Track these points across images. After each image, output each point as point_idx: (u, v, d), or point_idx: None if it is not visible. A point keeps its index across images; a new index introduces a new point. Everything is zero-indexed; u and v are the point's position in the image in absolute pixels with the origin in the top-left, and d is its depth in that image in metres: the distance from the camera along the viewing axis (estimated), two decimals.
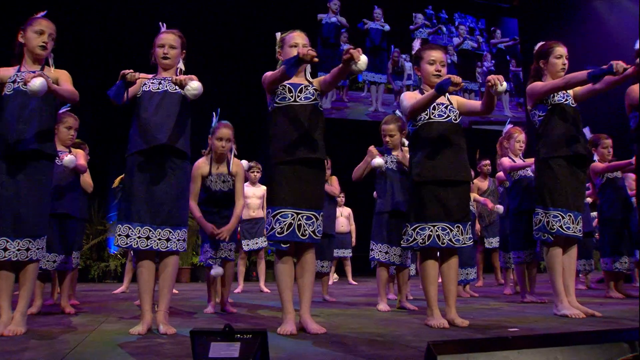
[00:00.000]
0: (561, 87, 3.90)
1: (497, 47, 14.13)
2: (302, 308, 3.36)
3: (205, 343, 1.67)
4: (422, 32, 13.60)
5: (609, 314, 3.97)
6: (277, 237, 3.26)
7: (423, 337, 3.04)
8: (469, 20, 14.14)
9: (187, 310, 4.79)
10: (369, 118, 12.77)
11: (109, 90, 3.20)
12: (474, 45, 13.93)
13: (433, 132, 3.54)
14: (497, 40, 14.16)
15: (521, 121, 11.85)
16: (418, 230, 3.51)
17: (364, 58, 2.97)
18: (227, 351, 1.62)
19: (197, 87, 3.20)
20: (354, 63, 2.97)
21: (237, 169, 4.57)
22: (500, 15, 14.34)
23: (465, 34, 13.97)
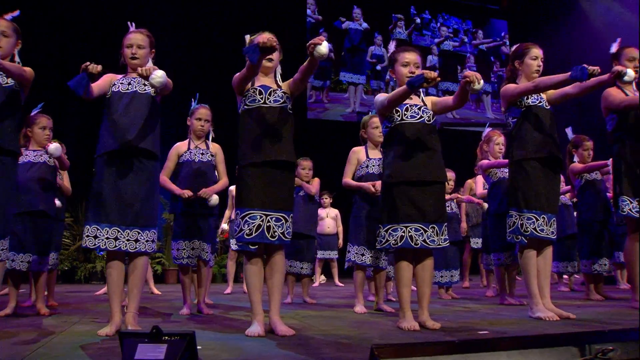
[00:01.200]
0: (531, 90, 3.89)
1: (478, 49, 14.07)
2: (271, 310, 3.35)
3: (133, 344, 1.65)
4: (400, 32, 13.52)
5: (584, 317, 3.95)
6: (246, 239, 3.25)
7: (390, 340, 3.02)
8: (453, 21, 14.06)
9: (165, 311, 4.77)
10: (342, 119, 12.69)
11: (69, 82, 3.17)
12: (455, 45, 13.85)
13: (405, 133, 3.53)
14: (478, 41, 14.10)
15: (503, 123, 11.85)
16: (390, 231, 3.49)
17: (324, 43, 3.04)
18: (153, 353, 1.60)
19: (161, 75, 3.18)
20: (315, 50, 3.03)
21: (217, 151, 4.67)
22: (487, 16, 14.27)
23: (446, 34, 13.87)
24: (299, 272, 5.63)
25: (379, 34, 13.18)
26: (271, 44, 3.02)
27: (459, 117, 13.36)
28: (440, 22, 13.96)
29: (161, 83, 3.19)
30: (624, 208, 4.27)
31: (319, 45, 3.04)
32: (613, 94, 4.40)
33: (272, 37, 3.06)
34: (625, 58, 4.42)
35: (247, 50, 3.07)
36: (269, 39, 3.03)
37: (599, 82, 3.78)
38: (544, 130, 3.93)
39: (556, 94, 4.03)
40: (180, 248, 4.54)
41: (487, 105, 13.57)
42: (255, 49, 3.04)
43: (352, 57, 13.18)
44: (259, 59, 3.12)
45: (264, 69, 3.45)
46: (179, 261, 4.56)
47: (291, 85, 3.45)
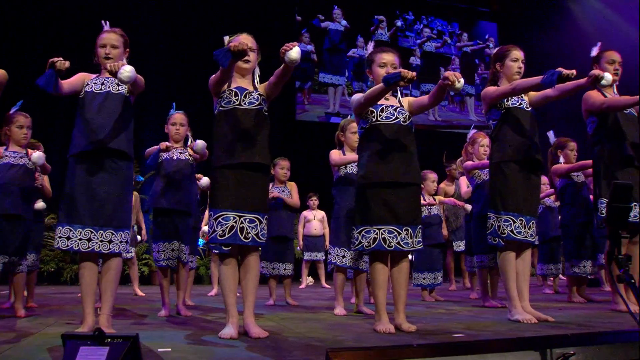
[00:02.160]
0: (509, 92, 3.88)
1: (462, 51, 14.01)
2: (245, 312, 3.32)
3: (75, 347, 1.62)
4: (382, 34, 13.47)
5: (563, 319, 3.94)
6: (219, 240, 3.23)
7: (363, 343, 3.00)
8: (438, 23, 14.01)
9: (144, 313, 4.74)
10: (318, 120, 12.66)
11: (38, 79, 3.14)
12: (437, 46, 13.80)
13: (380, 134, 3.50)
14: (462, 43, 14.05)
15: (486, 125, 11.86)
16: (364, 233, 3.46)
17: (295, 49, 3.05)
18: (94, 355, 1.58)
19: (130, 70, 3.15)
20: (286, 55, 3.04)
21: (195, 156, 4.69)
22: (474, 19, 14.23)
23: (427, 35, 13.80)
24: (282, 274, 5.62)
25: (361, 36, 13.12)
26: (242, 48, 3.00)
27: (440, 120, 13.32)
28: (424, 24, 13.89)
29: (130, 78, 3.16)
30: (602, 210, 4.27)
31: (289, 51, 3.04)
32: (593, 97, 4.39)
33: (244, 42, 3.04)
34: (605, 61, 4.42)
35: (217, 54, 3.05)
36: (240, 43, 3.01)
37: (577, 86, 3.76)
38: (523, 133, 3.91)
39: (537, 97, 4.01)
40: (160, 250, 4.52)
41: (471, 107, 13.55)
42: (226, 53, 3.02)
43: (331, 57, 13.08)
44: (230, 63, 3.10)
45: (241, 71, 3.43)
46: (159, 263, 4.55)
47: (267, 88, 3.44)
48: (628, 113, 4.39)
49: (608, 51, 4.47)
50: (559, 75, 3.46)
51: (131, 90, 3.50)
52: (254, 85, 3.47)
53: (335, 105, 12.83)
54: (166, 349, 2.80)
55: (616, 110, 4.31)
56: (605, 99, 4.32)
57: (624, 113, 4.37)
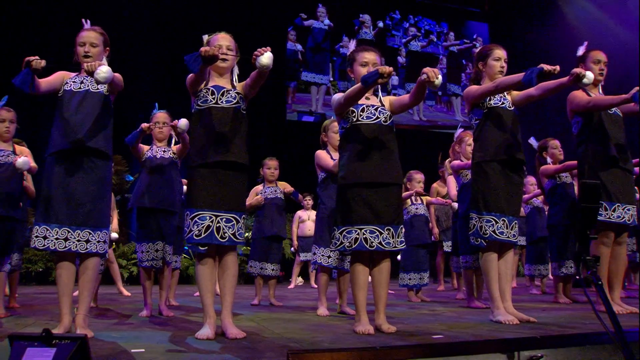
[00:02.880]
0: (492, 90, 3.85)
1: (449, 50, 13.94)
2: (222, 312, 3.29)
3: (22, 348, 1.59)
4: (367, 33, 13.40)
5: (546, 320, 3.90)
6: (195, 240, 3.20)
7: (340, 344, 2.96)
8: (426, 22, 13.93)
9: (127, 313, 4.71)
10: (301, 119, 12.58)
11: (14, 79, 3.11)
12: (423, 45, 13.72)
13: (361, 134, 3.46)
14: (448, 42, 13.97)
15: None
16: (345, 233, 3.43)
17: (267, 54, 3.03)
18: (41, 357, 1.55)
19: (106, 71, 3.12)
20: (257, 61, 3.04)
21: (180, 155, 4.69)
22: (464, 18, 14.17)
23: (412, 33, 13.71)
24: (268, 274, 5.61)
25: (346, 35, 13.06)
26: (213, 54, 2.99)
27: (425, 120, 13.27)
28: (411, 23, 13.80)
29: (106, 79, 3.13)
30: None
31: (260, 57, 3.03)
32: (579, 96, 4.38)
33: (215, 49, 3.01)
34: (591, 61, 4.42)
35: (188, 59, 3.02)
36: (211, 48, 3.00)
37: (559, 85, 3.73)
38: (505, 132, 3.88)
39: (520, 96, 3.99)
40: (144, 251, 4.49)
41: (457, 107, 13.50)
42: (197, 58, 3.00)
43: (314, 56, 12.97)
44: (200, 68, 3.08)
45: (219, 70, 3.40)
46: (143, 264, 4.52)
47: (244, 88, 3.41)
48: (613, 113, 4.38)
49: (594, 51, 4.45)
50: (539, 72, 3.43)
51: (111, 89, 3.47)
52: (232, 84, 3.44)
53: (318, 105, 12.72)
54: (139, 349, 2.77)
55: (602, 109, 4.29)
56: (591, 98, 4.31)
57: (608, 114, 4.35)
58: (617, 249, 4.41)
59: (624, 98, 4.09)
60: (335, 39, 13.08)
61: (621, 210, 4.25)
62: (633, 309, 4.26)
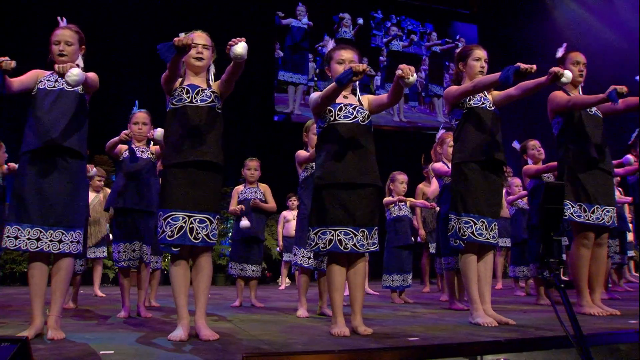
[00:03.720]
0: (470, 90, 3.83)
1: (431, 50, 13.86)
2: (196, 313, 3.26)
3: None
4: (346, 32, 13.33)
5: (525, 322, 3.88)
6: (168, 241, 3.17)
7: (313, 346, 2.92)
8: (409, 22, 13.86)
9: (105, 314, 4.67)
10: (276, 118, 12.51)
11: None
12: (405, 45, 13.65)
13: (338, 133, 3.43)
14: (430, 42, 13.89)
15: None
16: (320, 234, 3.39)
17: (241, 44, 3.01)
18: None
19: (77, 74, 3.08)
20: (231, 51, 3.01)
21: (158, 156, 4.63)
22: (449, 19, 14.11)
23: (394, 33, 13.62)
24: (249, 275, 5.59)
25: (327, 35, 12.97)
26: (186, 43, 2.96)
27: (406, 121, 13.22)
28: (393, 22, 13.70)
29: (77, 82, 3.10)
30: (566, 212, 4.24)
31: (234, 46, 3.01)
32: (559, 96, 4.37)
33: (188, 39, 2.99)
34: (570, 62, 4.42)
35: (161, 48, 2.98)
36: (185, 38, 2.97)
37: (538, 84, 3.72)
38: (485, 132, 3.86)
39: (500, 96, 3.98)
40: (120, 250, 4.46)
41: (439, 108, 13.46)
42: (170, 47, 2.97)
43: (292, 55, 12.85)
44: (174, 58, 3.04)
45: (194, 68, 3.38)
46: (120, 264, 4.48)
47: (220, 85, 3.38)
48: (593, 114, 4.37)
49: (573, 52, 4.45)
50: (515, 70, 3.42)
51: (85, 90, 3.43)
52: (207, 83, 3.41)
53: (294, 105, 12.61)
54: (109, 351, 2.74)
55: (582, 107, 4.28)
56: (571, 97, 4.31)
57: (588, 114, 4.35)
58: (598, 251, 4.40)
59: (601, 97, 4.08)
60: (317, 39, 13.00)
61: (600, 211, 4.24)
62: (613, 311, 4.25)
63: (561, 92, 4.36)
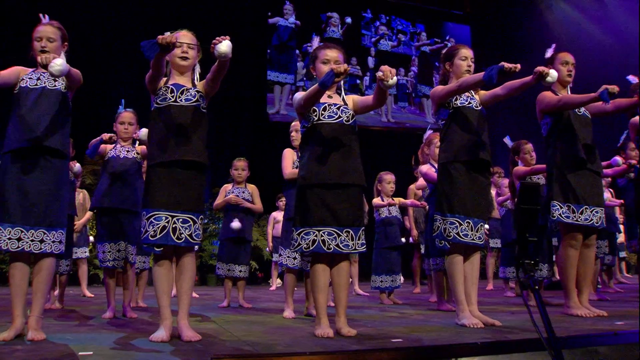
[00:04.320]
0: (455, 90, 3.81)
1: (420, 50, 13.76)
2: (179, 314, 3.24)
3: None
4: (334, 31, 13.25)
5: (512, 324, 3.85)
6: (150, 241, 3.14)
7: (295, 348, 2.90)
8: (398, 22, 13.76)
9: (91, 314, 4.64)
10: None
11: None
12: (394, 45, 13.56)
13: (322, 133, 3.41)
14: (420, 42, 13.80)
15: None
16: (303, 235, 3.37)
17: (225, 42, 2.98)
18: None
19: (61, 64, 3.05)
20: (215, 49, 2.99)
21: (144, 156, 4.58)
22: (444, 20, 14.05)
23: (381, 33, 13.50)
24: (237, 275, 5.57)
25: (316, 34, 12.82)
26: (170, 41, 2.94)
27: (393, 121, 13.15)
28: (382, 22, 13.58)
29: (61, 72, 3.06)
30: (554, 213, 4.23)
31: (218, 44, 2.98)
32: (548, 96, 4.35)
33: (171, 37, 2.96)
34: (559, 62, 4.40)
35: (144, 45, 2.95)
36: (169, 36, 2.94)
37: (524, 84, 3.70)
38: (471, 132, 3.83)
39: (487, 95, 3.96)
40: (105, 251, 4.43)
41: (428, 109, 13.41)
42: (153, 45, 2.94)
43: (279, 54, 12.74)
44: (157, 56, 3.02)
45: (180, 68, 3.35)
46: (105, 264, 4.45)
47: (205, 85, 3.35)
48: (581, 115, 4.35)
49: (562, 52, 4.43)
50: (499, 69, 3.40)
51: (69, 86, 3.40)
52: (193, 82, 3.38)
53: (280, 105, 12.52)
54: (88, 352, 2.71)
55: (571, 107, 4.27)
56: (561, 97, 4.29)
57: (577, 115, 4.33)
58: (586, 252, 4.38)
59: (592, 96, 4.06)
60: (306, 38, 12.86)
61: (589, 212, 4.22)
62: (600, 313, 4.22)
63: (550, 92, 4.35)
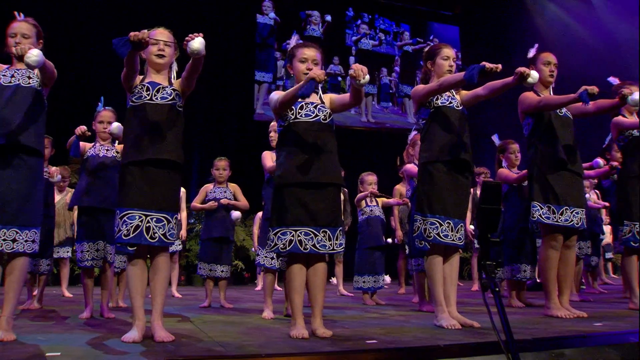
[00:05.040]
0: (436, 90, 3.79)
1: (403, 50, 13.64)
2: (152, 314, 3.19)
3: None
4: (314, 29, 13.17)
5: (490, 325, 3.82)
6: (124, 240, 3.10)
7: (267, 349, 2.87)
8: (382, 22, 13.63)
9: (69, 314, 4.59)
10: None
11: None
12: (374, 44, 13.45)
13: (299, 132, 3.37)
14: (402, 42, 13.68)
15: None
16: (279, 235, 3.33)
17: (198, 39, 2.95)
18: None
19: (37, 54, 3.02)
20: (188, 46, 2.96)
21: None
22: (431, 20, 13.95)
23: (363, 32, 13.37)
24: (218, 276, 5.53)
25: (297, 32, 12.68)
26: (142, 38, 2.89)
27: (374, 121, 13.06)
28: (363, 21, 13.45)
29: (37, 62, 3.03)
30: (534, 214, 4.22)
31: (190, 42, 2.95)
32: (530, 97, 4.34)
33: (144, 33, 2.92)
34: (541, 62, 4.40)
35: (116, 43, 2.91)
36: (141, 33, 2.90)
37: (505, 84, 3.68)
38: (451, 132, 3.81)
39: (468, 95, 3.94)
40: (83, 250, 4.38)
41: (410, 109, 13.37)
42: (125, 42, 2.90)
43: (260, 53, 12.60)
44: (129, 54, 2.99)
45: (156, 66, 3.32)
46: (83, 263, 4.40)
47: (181, 83, 3.32)
48: (563, 115, 4.35)
49: (544, 53, 4.43)
50: (480, 69, 3.38)
51: (43, 82, 3.36)
52: (169, 80, 3.35)
53: (257, 104, 12.38)
54: (56, 353, 2.67)
55: (552, 108, 4.26)
56: (542, 97, 4.28)
57: (559, 116, 4.32)
58: (566, 253, 4.36)
59: (572, 97, 4.06)
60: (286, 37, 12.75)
61: (569, 213, 4.21)
62: (580, 314, 4.21)
63: (532, 92, 4.33)
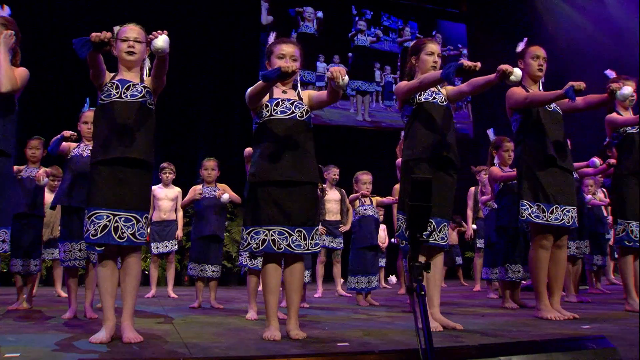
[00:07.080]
0: (417, 87, 3.70)
1: (403, 46, 13.33)
2: (123, 314, 3.16)
3: None
4: (308, 26, 12.97)
5: (476, 327, 3.73)
6: (92, 240, 3.07)
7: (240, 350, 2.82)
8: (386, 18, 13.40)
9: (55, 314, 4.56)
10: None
11: None
12: (372, 40, 13.18)
13: (274, 130, 3.30)
14: (402, 38, 13.43)
15: None
16: (252, 234, 3.26)
17: (161, 37, 2.92)
18: None
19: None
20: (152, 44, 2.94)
21: None
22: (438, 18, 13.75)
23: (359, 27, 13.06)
24: (209, 276, 5.48)
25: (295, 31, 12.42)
26: (103, 39, 2.85)
27: (370, 120, 12.87)
28: (365, 18, 13.17)
29: None
30: (523, 212, 4.11)
31: (154, 40, 2.92)
32: (517, 92, 4.23)
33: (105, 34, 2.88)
34: (530, 56, 4.31)
35: (76, 43, 2.86)
36: (103, 33, 2.86)
37: (487, 81, 3.58)
38: (434, 129, 3.71)
39: (453, 91, 3.85)
40: (66, 250, 4.34)
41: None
42: (86, 43, 2.85)
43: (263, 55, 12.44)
44: (90, 55, 2.95)
45: (126, 63, 3.28)
46: (66, 263, 4.37)
47: (151, 81, 3.27)
48: (552, 111, 4.24)
49: (533, 46, 4.33)
50: (457, 67, 3.28)
51: None
52: (141, 78, 3.29)
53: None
54: (15, 354, 2.63)
55: (539, 104, 4.15)
56: (529, 93, 4.18)
57: (548, 111, 4.21)
58: (557, 253, 4.25)
59: (559, 93, 3.95)
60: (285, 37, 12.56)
61: (560, 211, 4.10)
62: (570, 316, 4.10)
63: (519, 88, 4.22)
